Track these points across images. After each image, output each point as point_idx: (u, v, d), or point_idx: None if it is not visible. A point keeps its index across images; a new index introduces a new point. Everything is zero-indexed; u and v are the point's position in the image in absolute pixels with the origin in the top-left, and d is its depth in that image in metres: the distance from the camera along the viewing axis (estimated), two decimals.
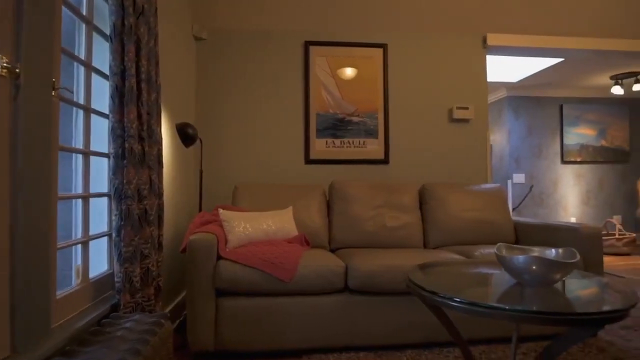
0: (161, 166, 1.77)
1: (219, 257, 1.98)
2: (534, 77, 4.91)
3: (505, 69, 4.64)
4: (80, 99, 1.50)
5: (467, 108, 3.24)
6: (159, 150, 1.76)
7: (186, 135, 2.28)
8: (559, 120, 5.44)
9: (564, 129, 5.40)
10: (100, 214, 1.65)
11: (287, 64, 3.14)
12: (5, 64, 0.97)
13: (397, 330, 2.01)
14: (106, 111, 1.54)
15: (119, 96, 1.48)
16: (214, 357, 1.97)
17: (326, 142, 3.12)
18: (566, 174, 5.43)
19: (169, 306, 2.31)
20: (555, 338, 1.16)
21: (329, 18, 3.17)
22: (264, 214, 2.32)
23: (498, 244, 1.30)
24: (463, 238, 2.65)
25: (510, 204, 5.28)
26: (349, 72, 3.17)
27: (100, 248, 1.64)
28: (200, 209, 2.60)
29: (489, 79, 5.00)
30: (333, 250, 2.59)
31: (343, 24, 3.19)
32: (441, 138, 3.26)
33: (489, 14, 3.34)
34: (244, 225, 2.17)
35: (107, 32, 1.52)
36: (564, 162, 5.41)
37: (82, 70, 1.50)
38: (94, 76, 1.57)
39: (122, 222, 1.46)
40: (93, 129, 1.55)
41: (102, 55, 1.59)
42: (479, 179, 3.30)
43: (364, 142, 3.15)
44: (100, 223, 1.65)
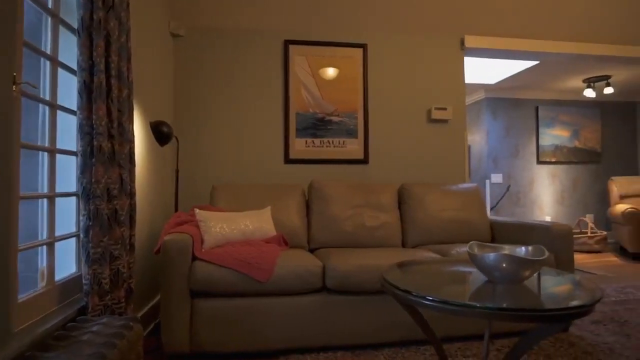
0: (133, 165, 1.73)
1: (194, 258, 1.95)
2: (511, 79, 5.02)
3: (483, 71, 4.73)
4: (46, 94, 1.44)
5: (445, 109, 3.28)
6: (131, 148, 1.71)
7: (161, 134, 2.23)
8: (534, 122, 5.59)
9: (540, 130, 5.55)
10: (69, 215, 1.60)
11: (266, 63, 3.12)
12: None
13: (375, 329, 2.01)
14: (74, 108, 1.49)
15: (87, 92, 1.43)
16: (189, 359, 1.93)
17: (306, 141, 3.11)
18: (542, 174, 5.57)
19: (143, 309, 2.25)
20: (525, 334, 1.18)
21: (308, 17, 3.16)
22: (241, 214, 2.29)
23: (470, 243, 1.32)
24: (441, 237, 2.69)
25: (488, 203, 5.38)
26: (329, 71, 3.17)
27: (68, 250, 1.59)
28: (176, 209, 2.55)
29: (467, 81, 5.09)
30: (312, 250, 2.58)
31: (323, 24, 3.19)
32: (420, 138, 3.30)
33: (466, 16, 3.39)
34: (221, 226, 2.14)
35: (75, 26, 1.46)
36: (539, 162, 5.55)
37: (47, 65, 1.44)
38: (62, 72, 1.52)
39: (90, 223, 1.41)
40: (60, 126, 1.49)
41: (70, 50, 1.54)
42: (457, 179, 3.35)
43: (343, 142, 3.15)
44: (69, 224, 1.60)
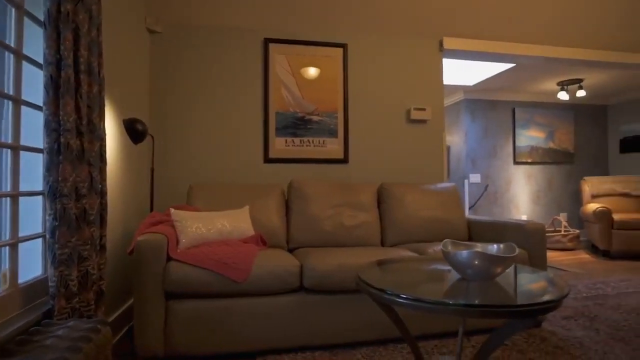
0: (104, 163, 1.67)
1: (169, 259, 1.91)
2: (488, 81, 5.12)
3: (462, 73, 4.81)
4: (10, 89, 1.38)
5: (424, 109, 3.32)
6: (102, 146, 1.66)
7: (135, 132, 2.17)
8: (511, 123, 5.72)
9: (516, 131, 5.68)
10: (35, 215, 1.54)
11: (246, 61, 3.08)
12: None
13: (353, 329, 2.02)
14: (40, 103, 1.43)
15: (54, 87, 1.38)
16: None
17: (286, 141, 3.09)
18: (518, 174, 5.71)
19: (116, 311, 2.19)
20: (496, 330, 1.20)
21: (289, 16, 3.14)
22: (219, 214, 2.26)
23: (444, 241, 1.33)
24: (419, 236, 2.71)
25: (467, 202, 5.48)
26: (309, 71, 3.16)
27: (34, 251, 1.52)
28: (151, 209, 2.49)
29: (447, 82, 5.17)
30: (291, 250, 2.56)
31: (303, 23, 3.18)
32: (399, 138, 3.33)
33: (445, 18, 3.44)
34: (197, 225, 2.10)
35: (42, 18, 1.41)
36: (516, 162, 5.69)
37: (11, 58, 1.38)
38: (28, 66, 1.46)
39: (56, 223, 1.36)
40: (26, 122, 1.44)
41: (37, 44, 1.48)
42: (435, 179, 3.39)
43: (323, 141, 3.15)
44: (34, 224, 1.53)
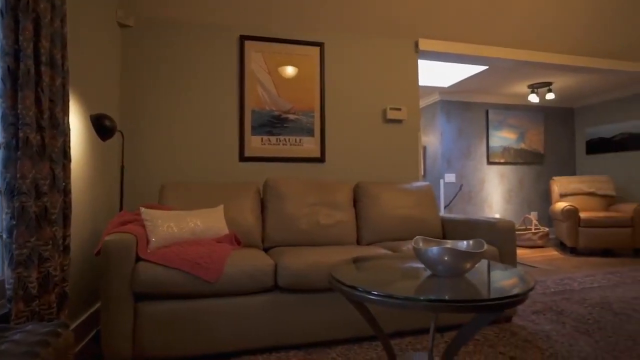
0: (68, 160, 1.60)
1: (139, 259, 1.85)
2: (463, 82, 5.23)
3: (438, 74, 4.90)
4: None
5: (400, 109, 3.36)
6: (66, 142, 1.59)
7: (103, 128, 2.09)
8: (485, 124, 5.87)
9: (490, 132, 5.83)
10: None
11: (221, 58, 3.03)
12: None
13: (327, 327, 2.01)
14: None
15: (11, 79, 1.31)
16: None
17: (262, 139, 3.06)
18: (491, 174, 5.86)
19: (83, 315, 2.11)
20: (466, 324, 1.21)
21: (265, 13, 3.11)
22: (191, 213, 2.21)
23: (415, 238, 1.35)
24: (395, 234, 2.74)
25: (442, 202, 5.58)
26: (286, 69, 3.14)
27: None
28: (121, 209, 2.41)
29: (424, 83, 5.25)
30: (267, 249, 2.54)
31: (280, 21, 3.15)
32: (376, 138, 3.35)
33: (421, 20, 3.49)
34: (169, 225, 2.05)
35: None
36: (489, 163, 5.84)
37: None
38: None
39: (14, 222, 1.29)
40: None
41: None
42: (411, 178, 3.43)
43: (300, 140, 3.13)
44: None
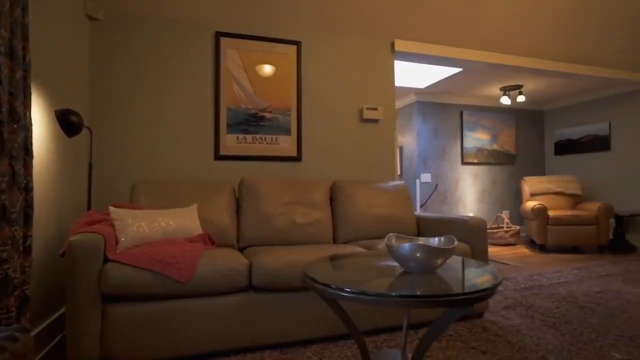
0: (30, 156, 1.53)
1: (107, 260, 1.79)
2: (438, 84, 5.34)
3: (414, 75, 4.97)
4: None
5: (376, 109, 3.38)
6: (28, 137, 1.52)
7: (69, 124, 2.01)
8: (459, 125, 6.00)
9: (464, 133, 5.97)
10: None
11: (196, 54, 2.97)
12: None
13: (303, 326, 2.00)
14: None
15: None
16: None
17: (237, 137, 3.02)
18: (465, 174, 6.00)
19: (48, 319, 2.01)
20: (437, 320, 1.23)
21: (242, 10, 3.07)
22: (163, 212, 2.15)
23: (388, 235, 1.35)
24: (371, 233, 2.76)
25: (418, 201, 5.67)
26: (262, 67, 3.11)
27: None
28: (89, 208, 2.32)
29: (400, 84, 5.32)
30: (242, 249, 2.51)
31: (257, 18, 3.12)
32: (352, 137, 3.37)
33: (397, 21, 3.53)
34: (139, 224, 1.99)
35: None
36: (463, 163, 5.97)
37: None
38: None
39: None
40: None
41: None
42: (387, 177, 3.47)
43: (276, 138, 3.11)
44: None
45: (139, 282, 1.74)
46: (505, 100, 5.49)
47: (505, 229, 5.41)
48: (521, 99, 5.44)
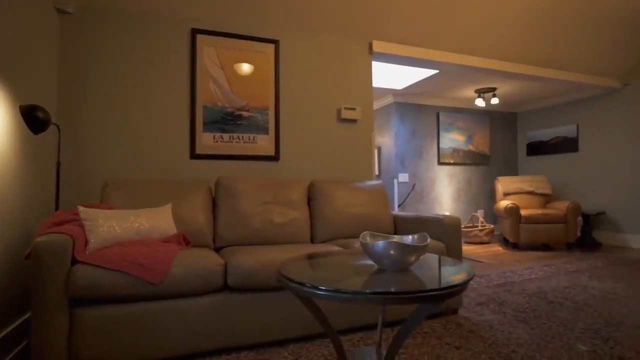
0: None
1: (75, 262, 1.73)
2: (415, 85, 5.42)
3: (392, 77, 5.03)
4: None
5: (354, 109, 3.41)
6: None
7: (35, 120, 1.93)
8: (436, 126, 6.12)
9: (440, 134, 6.09)
10: None
11: (171, 51, 2.91)
12: None
13: (279, 326, 1.99)
14: None
15: None
16: None
17: (214, 136, 2.97)
18: (442, 174, 6.12)
19: (11, 325, 1.93)
20: (410, 315, 1.25)
21: (219, 7, 3.03)
22: (136, 212, 2.10)
23: (363, 233, 1.36)
24: (348, 232, 2.77)
25: (396, 200, 5.74)
26: (240, 65, 3.08)
27: None
28: (56, 208, 2.24)
29: (379, 85, 5.37)
30: (218, 249, 2.47)
31: (234, 15, 3.09)
32: (330, 136, 3.38)
33: (375, 22, 3.57)
34: (110, 224, 1.93)
35: None
36: (440, 163, 6.09)
37: None
38: None
39: None
40: None
41: None
42: (364, 177, 3.50)
43: (254, 137, 3.09)
44: None
45: (109, 284, 1.69)
46: (480, 102, 5.63)
47: (480, 227, 5.55)
48: (495, 101, 5.60)
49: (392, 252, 1.24)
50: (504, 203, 5.13)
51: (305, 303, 1.38)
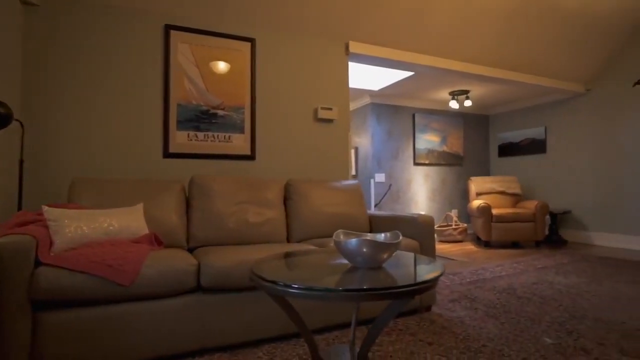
0: None
1: (39, 264, 1.65)
2: (391, 87, 5.50)
3: (368, 78, 5.09)
4: None
5: (331, 109, 3.42)
6: None
7: None
8: (412, 127, 6.23)
9: (416, 135, 6.20)
10: None
11: (144, 47, 2.84)
12: None
13: (254, 326, 1.97)
14: None
15: None
16: None
17: (188, 135, 2.92)
18: (417, 174, 6.24)
19: None
20: (382, 312, 1.26)
21: (193, 3, 2.98)
22: (105, 212, 2.03)
23: (336, 232, 1.37)
24: (324, 231, 2.78)
25: (373, 200, 5.80)
26: (215, 63, 3.04)
27: None
28: (19, 208, 2.14)
29: (356, 86, 5.42)
30: (192, 249, 2.43)
31: (209, 12, 3.04)
32: (307, 136, 3.38)
33: (351, 23, 3.60)
34: (77, 225, 1.86)
35: None
36: (415, 163, 6.20)
37: None
38: None
39: None
40: None
41: None
42: (341, 176, 3.52)
43: (229, 136, 3.05)
44: None
45: (75, 287, 1.62)
46: (454, 105, 5.77)
47: (453, 226, 5.68)
48: (468, 103, 5.75)
49: (364, 249, 1.26)
50: (476, 203, 5.28)
51: (278, 302, 1.38)
